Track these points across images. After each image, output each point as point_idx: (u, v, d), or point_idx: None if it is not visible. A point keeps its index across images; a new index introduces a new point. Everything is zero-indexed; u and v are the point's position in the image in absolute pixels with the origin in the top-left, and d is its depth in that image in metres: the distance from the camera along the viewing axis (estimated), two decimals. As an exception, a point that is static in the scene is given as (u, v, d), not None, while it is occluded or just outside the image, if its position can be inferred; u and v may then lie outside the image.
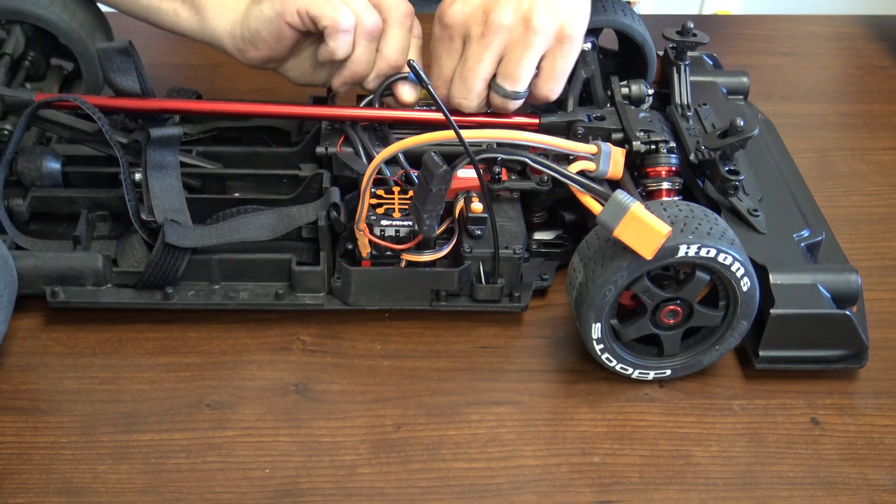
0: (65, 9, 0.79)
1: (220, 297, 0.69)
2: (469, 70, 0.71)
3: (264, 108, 0.75)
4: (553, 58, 0.71)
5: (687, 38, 0.80)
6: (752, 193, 0.72)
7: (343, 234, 0.70)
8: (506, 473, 0.61)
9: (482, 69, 0.71)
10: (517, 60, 0.70)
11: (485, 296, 0.69)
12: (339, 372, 0.67)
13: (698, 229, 0.61)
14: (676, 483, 0.61)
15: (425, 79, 0.65)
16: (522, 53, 0.70)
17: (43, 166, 0.71)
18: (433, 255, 0.68)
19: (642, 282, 0.63)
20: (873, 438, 0.64)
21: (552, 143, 0.69)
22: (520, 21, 0.69)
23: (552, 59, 0.72)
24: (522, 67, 0.71)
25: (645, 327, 0.65)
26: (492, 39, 0.69)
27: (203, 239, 0.68)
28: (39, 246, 0.70)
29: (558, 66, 0.72)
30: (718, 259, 0.62)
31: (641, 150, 0.73)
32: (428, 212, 0.64)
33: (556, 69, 0.72)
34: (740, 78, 0.87)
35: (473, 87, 0.71)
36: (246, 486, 0.60)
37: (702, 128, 0.76)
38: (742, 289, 0.63)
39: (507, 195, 0.72)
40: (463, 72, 0.71)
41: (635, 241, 0.60)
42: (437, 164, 0.62)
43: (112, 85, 0.71)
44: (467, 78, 0.71)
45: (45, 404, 0.64)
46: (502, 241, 0.68)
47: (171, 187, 0.70)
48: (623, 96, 0.78)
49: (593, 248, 0.64)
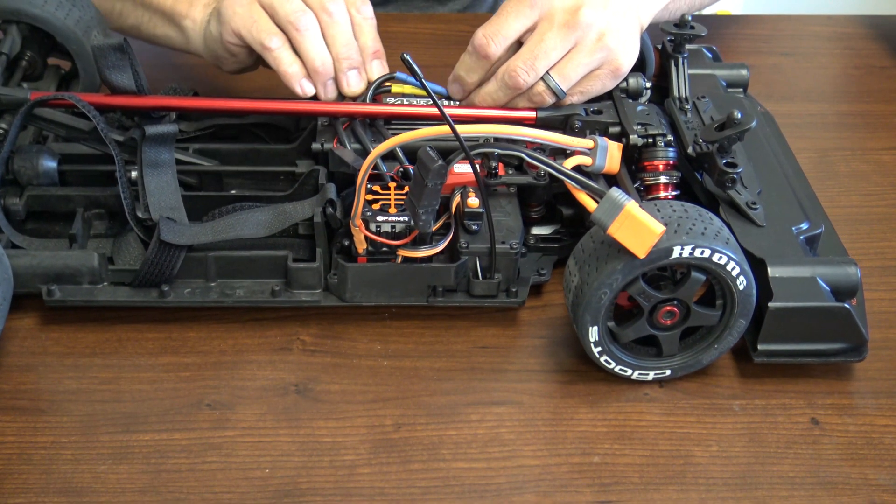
0: (59, 7, 0.79)
1: (217, 295, 0.69)
2: (543, 51, 0.72)
3: (260, 105, 0.75)
4: (596, 78, 0.74)
5: (684, 31, 0.80)
6: (750, 186, 0.72)
7: (339, 230, 0.70)
8: (506, 473, 0.61)
9: (554, 54, 0.72)
10: (577, 63, 0.73)
11: (481, 291, 0.69)
12: (339, 372, 0.67)
13: (692, 230, 0.61)
14: (676, 483, 0.61)
15: (419, 73, 0.65)
16: (584, 59, 0.73)
17: (39, 165, 0.71)
18: (429, 251, 0.68)
19: (637, 284, 0.63)
20: (873, 438, 0.64)
21: (548, 137, 0.69)
22: (597, 31, 0.72)
23: (594, 79, 0.74)
24: (578, 71, 0.73)
25: (642, 329, 0.65)
26: (571, 32, 0.72)
27: (199, 236, 0.68)
28: (36, 244, 0.70)
29: (595, 86, 0.75)
30: (713, 259, 0.62)
31: (639, 143, 0.73)
32: (424, 207, 0.64)
33: (590, 87, 0.75)
34: (739, 70, 0.87)
35: (539, 67, 0.72)
36: (246, 486, 0.60)
37: (700, 121, 0.76)
38: (738, 288, 0.63)
39: (503, 190, 0.72)
40: (536, 49, 0.72)
41: (629, 240, 0.60)
42: (433, 158, 0.62)
43: (107, 82, 0.71)
44: (538, 56, 0.72)
45: (45, 404, 0.64)
46: (499, 236, 0.68)
47: (167, 185, 0.70)
48: (621, 90, 0.78)
49: (588, 251, 0.64)
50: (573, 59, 0.73)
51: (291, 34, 0.74)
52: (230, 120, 0.79)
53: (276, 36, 0.74)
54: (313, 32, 0.74)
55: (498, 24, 0.73)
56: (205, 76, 0.93)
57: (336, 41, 0.74)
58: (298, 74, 0.74)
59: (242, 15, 0.74)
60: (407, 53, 0.65)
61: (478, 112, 0.74)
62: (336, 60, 0.75)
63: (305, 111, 0.75)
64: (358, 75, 0.75)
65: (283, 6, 0.73)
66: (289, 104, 0.75)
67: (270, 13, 0.74)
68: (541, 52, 0.72)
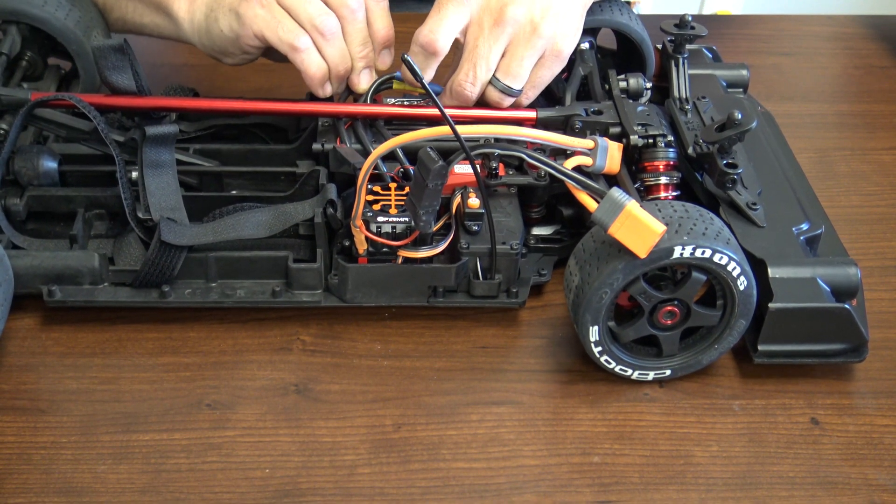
0: (59, 8, 0.79)
1: (217, 295, 0.69)
2: (480, 58, 0.72)
3: (261, 106, 0.75)
4: (542, 67, 0.74)
5: (685, 31, 0.79)
6: (750, 187, 0.72)
7: (340, 230, 0.70)
8: (506, 473, 0.61)
9: (493, 58, 0.72)
10: (520, 58, 0.72)
11: (482, 292, 0.69)
12: (339, 372, 0.67)
13: (693, 230, 0.61)
14: (676, 483, 0.61)
15: (420, 74, 0.65)
16: (525, 52, 0.72)
17: (40, 165, 0.71)
18: (430, 252, 0.68)
19: (638, 283, 0.63)
20: (873, 438, 0.64)
21: (549, 138, 0.69)
22: (528, 22, 0.72)
23: (540, 68, 0.74)
24: (524, 66, 0.73)
25: (643, 328, 0.65)
26: (501, 31, 0.71)
27: (199, 237, 0.68)
28: (36, 245, 0.70)
29: (542, 75, 0.75)
30: (714, 259, 0.62)
31: (639, 144, 0.73)
32: (424, 208, 0.64)
33: (539, 77, 0.75)
34: (740, 71, 0.87)
35: (481, 76, 0.73)
36: (246, 486, 0.60)
37: (700, 121, 0.76)
38: (739, 288, 0.63)
39: (504, 190, 0.72)
40: (473, 58, 0.72)
41: (630, 240, 0.60)
42: (433, 159, 0.62)
43: (108, 83, 0.71)
44: (477, 65, 0.72)
45: (45, 404, 0.64)
46: (499, 236, 0.68)
47: (168, 185, 0.70)
48: (621, 90, 0.78)
49: (589, 251, 0.64)
50: (514, 56, 0.73)
51: (315, 37, 0.73)
52: (230, 120, 0.79)
53: (303, 36, 0.73)
54: (337, 35, 0.74)
55: (439, 18, 0.72)
56: (205, 76, 0.93)
57: (354, 39, 0.74)
58: (324, 77, 0.74)
59: (265, 17, 0.73)
60: (408, 54, 0.65)
61: (478, 113, 0.74)
62: (353, 59, 0.75)
63: (306, 111, 0.75)
64: (369, 73, 0.76)
65: (305, 9, 0.73)
66: (289, 105, 0.75)
67: (293, 15, 0.73)
68: (479, 59, 0.72)
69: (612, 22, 0.81)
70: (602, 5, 0.81)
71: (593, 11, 0.79)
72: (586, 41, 0.80)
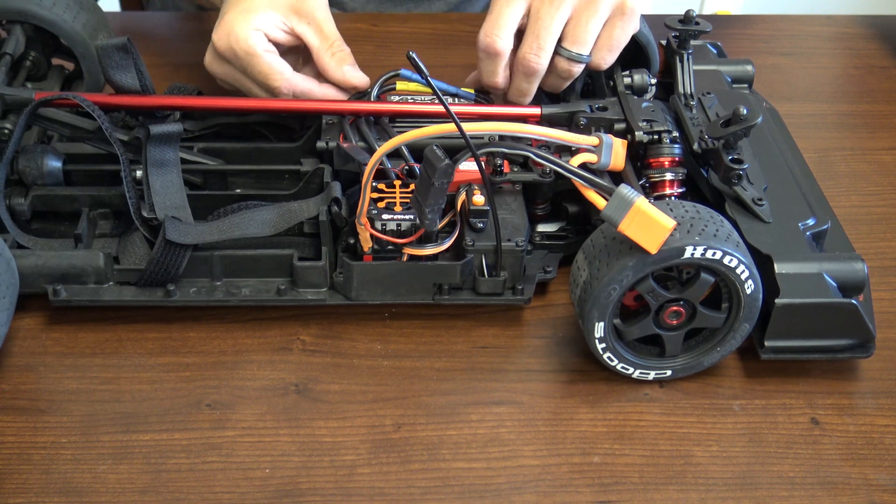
0: (67, 10, 0.79)
1: (222, 294, 0.69)
2: (543, 28, 0.72)
3: (265, 104, 0.75)
4: (612, 27, 0.74)
5: (689, 27, 0.79)
6: (756, 182, 0.72)
7: (344, 228, 0.70)
8: (506, 473, 0.61)
9: (555, 27, 0.73)
10: (585, 23, 0.73)
11: (487, 289, 0.69)
12: (339, 372, 0.67)
13: (705, 231, 0.61)
14: (676, 483, 0.61)
15: (425, 71, 0.65)
16: (590, 17, 0.73)
17: (44, 165, 0.71)
18: (435, 249, 0.68)
19: (647, 282, 0.63)
20: (873, 438, 0.64)
21: (554, 134, 0.69)
22: None
23: (611, 29, 0.74)
24: (589, 31, 0.73)
25: (648, 327, 0.65)
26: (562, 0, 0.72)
27: (204, 235, 0.68)
28: (41, 245, 0.70)
29: (615, 35, 0.75)
30: (724, 261, 0.62)
31: (644, 140, 0.73)
32: (430, 206, 0.64)
33: (613, 38, 0.75)
34: (744, 66, 0.87)
35: (546, 45, 0.73)
36: (246, 486, 0.60)
37: (705, 117, 0.76)
38: (746, 291, 0.63)
39: (509, 187, 0.72)
40: (536, 29, 0.73)
41: (640, 236, 0.60)
42: (439, 157, 0.62)
43: (111, 82, 0.71)
44: (540, 35, 0.73)
45: (45, 404, 0.64)
46: (504, 233, 0.68)
47: (172, 184, 0.70)
48: (626, 86, 0.77)
49: (599, 247, 0.64)
50: (579, 22, 0.73)
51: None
52: (234, 119, 0.79)
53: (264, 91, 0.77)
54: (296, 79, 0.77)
55: (494, 18, 0.73)
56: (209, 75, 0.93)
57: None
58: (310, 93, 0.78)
59: (227, 73, 0.79)
60: (413, 52, 0.64)
61: (483, 110, 0.74)
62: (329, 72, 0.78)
63: (310, 109, 0.75)
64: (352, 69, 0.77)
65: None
66: (293, 103, 0.75)
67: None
68: (541, 29, 0.72)
69: None
70: None
71: None
72: None
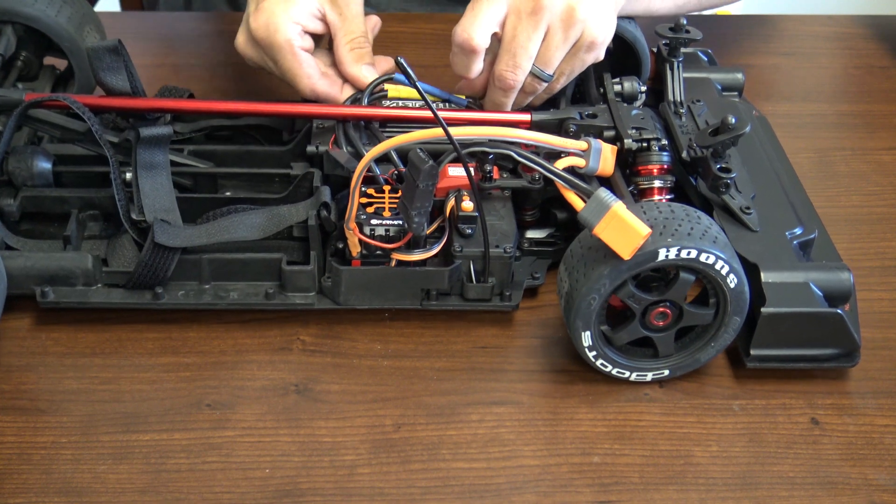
0: (50, 5, 0.79)
1: (211, 297, 0.69)
2: (520, 47, 0.73)
3: (255, 107, 0.75)
4: (575, 57, 0.75)
5: (680, 35, 0.79)
6: (744, 191, 0.72)
7: (333, 233, 0.70)
8: (506, 473, 0.61)
9: (532, 47, 0.73)
10: (555, 47, 0.73)
11: (475, 295, 0.69)
12: (339, 372, 0.67)
13: (678, 231, 0.61)
14: (676, 483, 0.61)
15: (413, 76, 0.65)
16: (560, 42, 0.73)
17: (34, 166, 0.71)
18: (423, 255, 0.68)
19: (626, 287, 0.63)
20: (873, 438, 0.64)
21: (542, 139, 0.69)
22: (566, 9, 0.72)
23: (573, 59, 0.75)
24: (557, 54, 0.74)
25: (636, 331, 0.65)
26: (540, 18, 0.72)
27: (193, 239, 0.68)
28: (30, 246, 0.70)
29: (575, 66, 0.75)
30: (700, 259, 0.61)
31: (633, 147, 0.73)
32: (416, 209, 0.64)
33: (573, 67, 0.75)
34: (735, 74, 0.87)
35: (522, 64, 0.73)
36: (246, 486, 0.60)
37: (695, 125, 0.76)
38: (729, 286, 0.63)
39: (498, 193, 0.72)
40: (513, 48, 0.73)
41: (615, 241, 0.60)
42: (423, 159, 0.62)
43: (102, 84, 0.71)
44: (517, 54, 0.73)
45: (45, 404, 0.64)
46: (493, 239, 0.68)
47: (162, 186, 0.70)
48: (615, 93, 0.77)
49: (577, 257, 0.64)
50: (550, 45, 0.73)
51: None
52: (225, 121, 0.79)
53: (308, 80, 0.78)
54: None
55: (474, 15, 0.73)
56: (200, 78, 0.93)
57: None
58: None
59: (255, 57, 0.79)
60: (401, 57, 0.64)
61: (473, 115, 0.74)
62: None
63: (300, 113, 0.75)
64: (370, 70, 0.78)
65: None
66: (284, 106, 0.75)
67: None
68: (518, 48, 0.73)
69: None
70: None
71: None
72: None
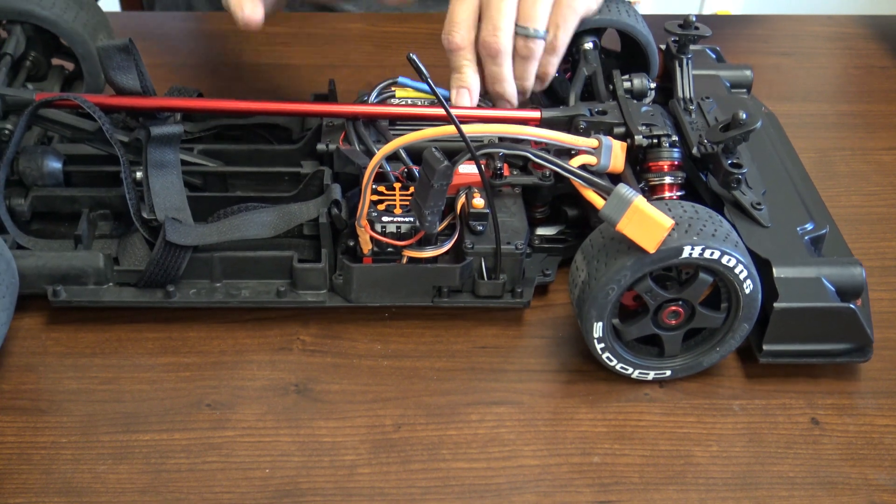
0: (67, 9, 0.79)
1: (222, 295, 0.69)
2: (496, 10, 0.73)
3: (265, 106, 0.75)
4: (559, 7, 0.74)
5: (689, 32, 0.79)
6: (755, 187, 0.72)
7: (344, 230, 0.70)
8: (506, 473, 0.61)
9: (506, 7, 0.73)
10: (533, 2, 0.73)
11: (487, 292, 0.69)
12: (339, 372, 0.67)
13: (703, 230, 0.61)
14: (676, 483, 0.61)
15: (425, 73, 0.65)
16: None
17: (44, 166, 0.71)
18: (434, 252, 0.68)
19: (645, 282, 0.63)
20: (873, 438, 0.64)
21: (553, 137, 0.69)
22: None
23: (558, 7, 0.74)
24: (538, 8, 0.73)
25: (646, 327, 0.65)
26: None
27: (204, 237, 0.68)
28: (41, 245, 0.70)
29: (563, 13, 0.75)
30: (722, 261, 0.62)
31: (643, 144, 0.73)
32: (429, 208, 0.64)
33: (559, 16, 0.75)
34: (743, 71, 0.87)
35: (501, 24, 0.73)
36: (246, 486, 0.60)
37: (704, 121, 0.76)
38: (745, 291, 0.63)
39: (508, 190, 0.72)
40: (489, 13, 0.73)
41: (638, 235, 0.60)
42: (438, 159, 0.62)
43: (112, 83, 0.71)
44: (493, 17, 0.73)
45: (45, 404, 0.64)
46: (504, 236, 0.68)
47: (172, 185, 0.70)
48: (625, 90, 0.77)
49: (597, 247, 0.64)
50: (527, 1, 0.73)
51: None
52: (235, 120, 0.79)
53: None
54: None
55: (449, 17, 0.74)
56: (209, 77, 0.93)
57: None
58: None
59: None
60: (413, 53, 0.64)
61: (483, 112, 0.74)
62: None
63: (310, 112, 0.75)
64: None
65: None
66: (293, 105, 0.75)
67: None
68: (494, 12, 0.73)
69: (618, 22, 0.81)
70: (609, 5, 0.81)
71: (599, 11, 0.80)
72: (590, 41, 0.80)
